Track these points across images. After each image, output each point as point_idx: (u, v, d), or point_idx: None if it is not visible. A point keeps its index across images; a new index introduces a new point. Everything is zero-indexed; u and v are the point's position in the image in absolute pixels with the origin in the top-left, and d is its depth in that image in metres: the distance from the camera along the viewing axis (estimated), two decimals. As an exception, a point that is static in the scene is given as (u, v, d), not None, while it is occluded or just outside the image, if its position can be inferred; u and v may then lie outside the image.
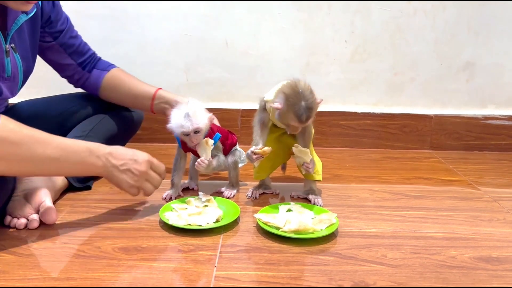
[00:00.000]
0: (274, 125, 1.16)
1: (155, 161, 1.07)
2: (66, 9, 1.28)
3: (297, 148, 1.10)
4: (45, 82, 1.50)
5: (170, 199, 1.16)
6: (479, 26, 1.68)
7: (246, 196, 1.21)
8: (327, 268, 0.87)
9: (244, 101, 1.73)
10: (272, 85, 1.11)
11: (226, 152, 1.21)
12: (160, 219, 1.03)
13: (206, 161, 1.10)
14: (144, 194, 1.06)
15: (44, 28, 1.21)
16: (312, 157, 1.12)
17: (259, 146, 1.10)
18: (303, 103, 1.01)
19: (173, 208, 1.07)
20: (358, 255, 0.92)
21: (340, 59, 1.71)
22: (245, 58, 1.70)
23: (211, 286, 0.80)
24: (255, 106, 1.16)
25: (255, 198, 1.20)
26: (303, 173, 1.17)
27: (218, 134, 1.16)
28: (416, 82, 1.74)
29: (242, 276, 0.83)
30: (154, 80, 1.70)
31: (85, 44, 1.33)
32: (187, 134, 1.09)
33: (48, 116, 1.30)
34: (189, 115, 1.07)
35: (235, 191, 1.23)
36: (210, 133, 1.14)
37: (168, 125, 1.09)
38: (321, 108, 1.09)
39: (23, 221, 0.99)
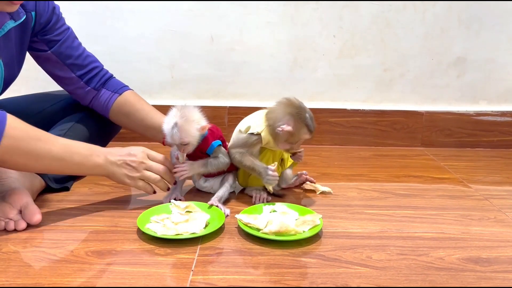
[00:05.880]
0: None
1: (151, 152, 1.10)
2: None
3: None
4: (25, 81, 1.45)
5: (175, 198, 1.09)
6: (470, 20, 1.65)
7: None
8: (309, 271, 0.83)
9: (231, 98, 1.68)
10: (259, 81, 1.08)
11: None
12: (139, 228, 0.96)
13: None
14: (148, 186, 1.09)
15: (37, 35, 1.15)
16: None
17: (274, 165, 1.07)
18: (307, 114, 1.04)
19: (153, 221, 0.98)
20: (342, 257, 0.88)
21: (329, 54, 1.67)
22: (231, 54, 1.66)
23: (186, 291, 0.76)
24: (243, 103, 1.12)
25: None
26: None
27: (214, 144, 1.08)
28: (406, 78, 1.70)
29: (219, 281, 0.79)
30: (138, 77, 1.67)
31: (88, 56, 1.24)
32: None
33: (28, 114, 1.25)
34: (177, 125, 1.00)
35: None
36: (205, 143, 1.08)
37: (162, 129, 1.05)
38: (310, 105, 1.06)
39: (11, 223, 0.96)
